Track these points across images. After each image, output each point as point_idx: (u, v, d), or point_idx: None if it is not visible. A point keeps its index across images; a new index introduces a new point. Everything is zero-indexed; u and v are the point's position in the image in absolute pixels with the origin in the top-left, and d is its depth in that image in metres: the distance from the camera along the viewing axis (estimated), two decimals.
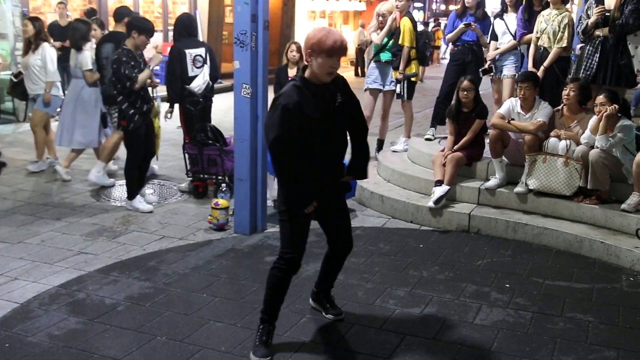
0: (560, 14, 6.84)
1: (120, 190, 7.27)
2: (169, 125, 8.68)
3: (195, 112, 7.24)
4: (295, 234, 3.86)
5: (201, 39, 10.75)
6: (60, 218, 6.26)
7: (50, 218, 6.25)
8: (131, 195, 6.54)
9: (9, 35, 11.63)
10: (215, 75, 7.51)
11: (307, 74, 3.75)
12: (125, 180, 6.58)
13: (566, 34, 6.78)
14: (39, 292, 4.62)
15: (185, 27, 7.33)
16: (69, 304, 4.44)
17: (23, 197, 6.91)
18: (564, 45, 6.81)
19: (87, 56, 7.51)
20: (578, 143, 6.06)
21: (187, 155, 7.11)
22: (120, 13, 7.77)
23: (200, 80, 7.22)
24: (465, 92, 6.60)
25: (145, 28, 6.28)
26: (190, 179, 7.20)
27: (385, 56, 8.05)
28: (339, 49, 3.63)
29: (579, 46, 7.03)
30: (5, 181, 7.44)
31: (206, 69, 7.31)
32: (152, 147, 6.74)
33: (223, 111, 10.94)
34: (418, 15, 30.91)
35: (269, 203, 6.37)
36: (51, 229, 5.94)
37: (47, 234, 5.83)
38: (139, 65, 6.27)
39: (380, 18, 8.02)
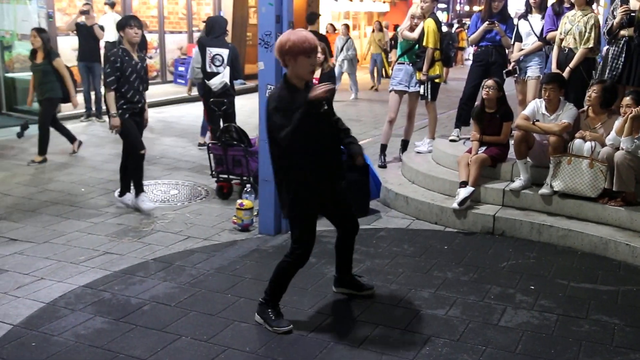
0: (586, 14, 6.79)
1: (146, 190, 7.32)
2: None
3: (219, 112, 7.36)
4: (304, 233, 4.14)
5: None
6: (86, 218, 6.33)
7: (75, 218, 6.32)
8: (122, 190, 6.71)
9: None
10: (235, 75, 7.89)
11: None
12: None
13: (593, 34, 6.73)
14: (65, 291, 4.67)
15: (219, 27, 7.97)
16: (94, 303, 4.49)
17: (49, 197, 6.99)
18: (591, 45, 6.74)
19: None
20: (603, 144, 5.99)
21: (211, 156, 7.16)
22: (313, 15, 11.18)
23: (217, 80, 7.56)
24: (487, 89, 6.65)
25: (120, 23, 6.43)
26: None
27: (410, 58, 8.04)
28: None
29: (605, 47, 6.96)
30: (31, 181, 7.55)
31: (227, 70, 7.51)
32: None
33: (247, 112, 11.01)
34: (442, 17, 30.79)
35: None
36: (77, 229, 6.01)
37: (72, 234, 5.89)
38: (130, 63, 6.28)
39: (416, 20, 8.01)
